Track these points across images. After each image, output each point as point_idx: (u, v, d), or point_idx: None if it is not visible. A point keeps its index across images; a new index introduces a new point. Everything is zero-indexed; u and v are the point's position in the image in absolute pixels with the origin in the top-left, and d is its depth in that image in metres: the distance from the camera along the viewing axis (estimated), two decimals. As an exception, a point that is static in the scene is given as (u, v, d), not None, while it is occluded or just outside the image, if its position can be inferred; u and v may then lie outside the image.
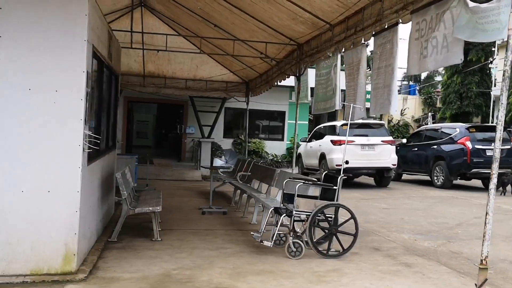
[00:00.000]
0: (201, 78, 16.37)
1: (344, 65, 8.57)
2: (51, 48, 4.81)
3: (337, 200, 6.28)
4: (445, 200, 11.88)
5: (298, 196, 6.21)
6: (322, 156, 15.12)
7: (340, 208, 6.25)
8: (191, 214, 9.03)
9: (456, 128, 15.08)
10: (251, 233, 6.53)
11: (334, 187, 6.32)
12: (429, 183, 15.55)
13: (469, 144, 14.16)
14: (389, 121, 32.13)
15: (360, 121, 16.12)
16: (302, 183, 6.30)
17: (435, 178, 15.17)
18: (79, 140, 4.88)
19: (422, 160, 15.92)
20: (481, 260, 4.45)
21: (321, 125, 16.80)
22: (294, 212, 6.10)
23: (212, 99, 18.37)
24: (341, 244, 6.21)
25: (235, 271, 5.36)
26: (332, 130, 15.26)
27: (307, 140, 17.17)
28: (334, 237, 6.17)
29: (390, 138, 14.71)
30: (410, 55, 5.97)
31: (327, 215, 6.13)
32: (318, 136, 16.19)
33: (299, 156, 17.62)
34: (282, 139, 21.39)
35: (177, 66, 16.08)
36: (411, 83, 44.18)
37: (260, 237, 6.29)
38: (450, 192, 13.81)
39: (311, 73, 10.71)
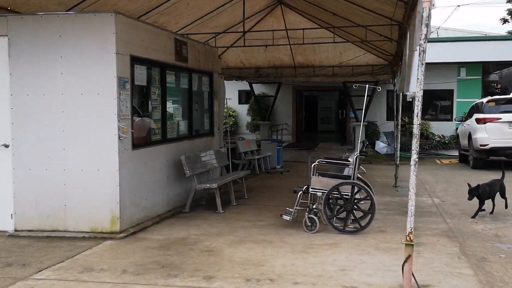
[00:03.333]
0: (347, 64, 16.80)
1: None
2: (94, 62, 6.39)
3: (353, 179, 6.49)
4: None
5: (320, 174, 6.65)
6: (469, 136, 14.05)
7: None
8: (283, 193, 9.89)
9: None
10: (287, 208, 7.15)
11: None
12: None
13: None
14: None
15: (511, 96, 14.42)
16: (316, 163, 6.70)
17: None
18: (115, 130, 6.37)
19: None
20: (406, 236, 4.43)
21: (474, 103, 15.46)
22: (310, 189, 6.58)
23: (366, 83, 18.46)
24: (358, 221, 6.43)
25: (240, 239, 6.20)
26: (479, 108, 14.02)
27: (462, 119, 15.97)
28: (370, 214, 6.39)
29: (550, 113, 12.80)
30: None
31: (342, 193, 6.41)
32: (471, 114, 14.99)
33: (457, 137, 16.54)
34: (450, 119, 20.09)
35: (323, 55, 16.82)
36: None
37: (292, 212, 6.88)
38: None
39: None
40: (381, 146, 19.26)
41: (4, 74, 6.66)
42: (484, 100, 14.04)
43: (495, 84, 24.27)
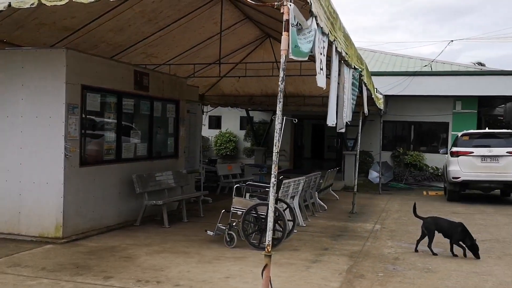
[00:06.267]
0: (335, 95, 17.51)
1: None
2: (48, 90, 7.39)
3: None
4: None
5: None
6: (445, 168, 14.48)
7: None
8: (241, 214, 10.58)
9: None
10: (218, 224, 7.86)
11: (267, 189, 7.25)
12: None
13: None
14: None
15: (486, 130, 14.81)
16: (238, 185, 7.45)
17: None
18: (61, 149, 7.31)
19: None
20: (265, 248, 5.07)
21: (456, 136, 15.88)
22: (231, 208, 7.32)
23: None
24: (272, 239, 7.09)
25: (162, 250, 6.98)
26: (455, 141, 14.49)
27: (447, 151, 16.36)
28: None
29: (520, 148, 13.12)
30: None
31: (259, 213, 7.12)
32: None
33: (444, 169, 16.89)
34: (445, 152, 20.37)
35: (312, 85, 17.55)
36: None
37: (216, 229, 7.59)
38: None
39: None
40: (374, 175, 19.67)
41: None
42: (459, 134, 14.48)
43: (502, 118, 24.51)
